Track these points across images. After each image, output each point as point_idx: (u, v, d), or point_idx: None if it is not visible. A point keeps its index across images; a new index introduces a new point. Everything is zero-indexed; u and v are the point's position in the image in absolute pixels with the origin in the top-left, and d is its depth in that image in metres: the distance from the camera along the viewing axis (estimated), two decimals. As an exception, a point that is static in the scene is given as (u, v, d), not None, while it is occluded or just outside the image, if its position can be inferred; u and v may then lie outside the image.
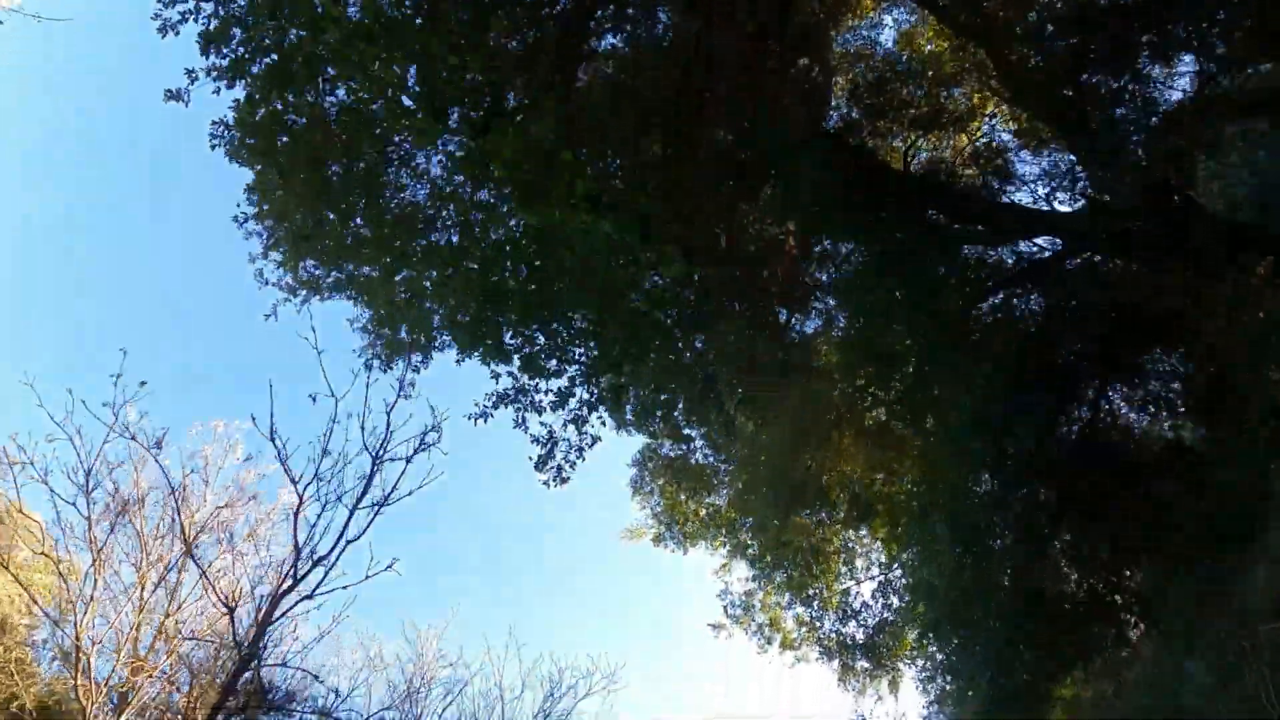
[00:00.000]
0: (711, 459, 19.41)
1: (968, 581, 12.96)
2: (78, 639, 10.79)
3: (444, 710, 14.87)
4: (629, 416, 15.84)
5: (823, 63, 18.11)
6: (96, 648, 11.17)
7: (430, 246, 13.02)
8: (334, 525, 10.19)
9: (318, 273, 15.53)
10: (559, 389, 13.20)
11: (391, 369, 14.28)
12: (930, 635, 13.83)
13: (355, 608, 11.71)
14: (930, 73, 19.27)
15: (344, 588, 10.23)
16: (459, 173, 12.65)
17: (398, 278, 13.20)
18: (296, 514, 9.99)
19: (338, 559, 10.00)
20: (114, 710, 10.91)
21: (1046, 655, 13.85)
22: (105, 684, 10.81)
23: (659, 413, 15.41)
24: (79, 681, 10.69)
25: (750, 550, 17.46)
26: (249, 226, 14.49)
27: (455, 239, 13.25)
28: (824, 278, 20.07)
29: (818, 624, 17.72)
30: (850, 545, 17.45)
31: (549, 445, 13.46)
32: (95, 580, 11.32)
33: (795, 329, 19.80)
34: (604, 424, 13.82)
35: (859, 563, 17.48)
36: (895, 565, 16.38)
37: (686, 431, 17.13)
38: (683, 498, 18.67)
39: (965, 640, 13.30)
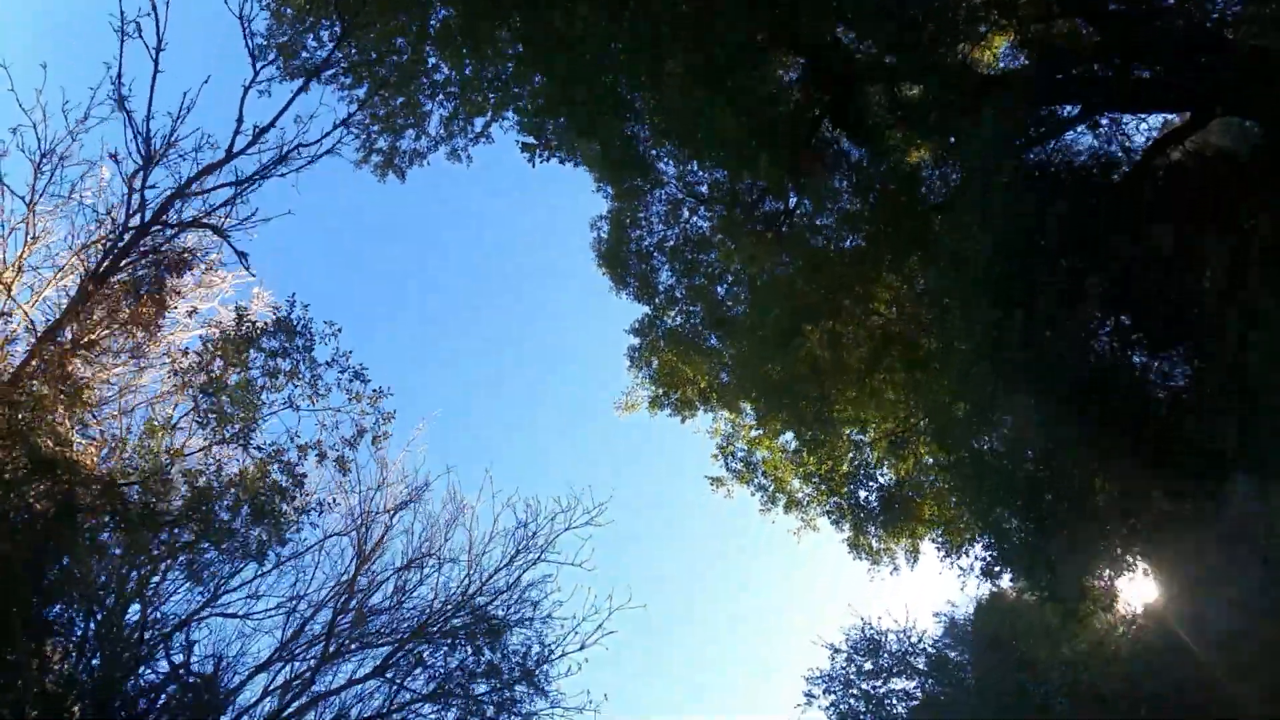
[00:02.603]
0: (714, 340, 18.23)
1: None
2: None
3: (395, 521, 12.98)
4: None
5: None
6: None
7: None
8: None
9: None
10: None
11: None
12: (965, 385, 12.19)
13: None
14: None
15: (283, 174, 8.92)
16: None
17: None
18: (248, 88, 8.86)
19: (286, 152, 8.78)
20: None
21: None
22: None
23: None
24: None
25: (752, 395, 15.88)
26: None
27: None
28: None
29: (825, 484, 15.96)
30: (861, 418, 15.88)
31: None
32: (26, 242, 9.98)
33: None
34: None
35: (869, 431, 15.88)
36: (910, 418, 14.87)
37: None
38: (683, 366, 17.27)
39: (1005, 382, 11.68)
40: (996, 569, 14.87)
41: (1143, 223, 16.17)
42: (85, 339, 8.61)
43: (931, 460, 15.32)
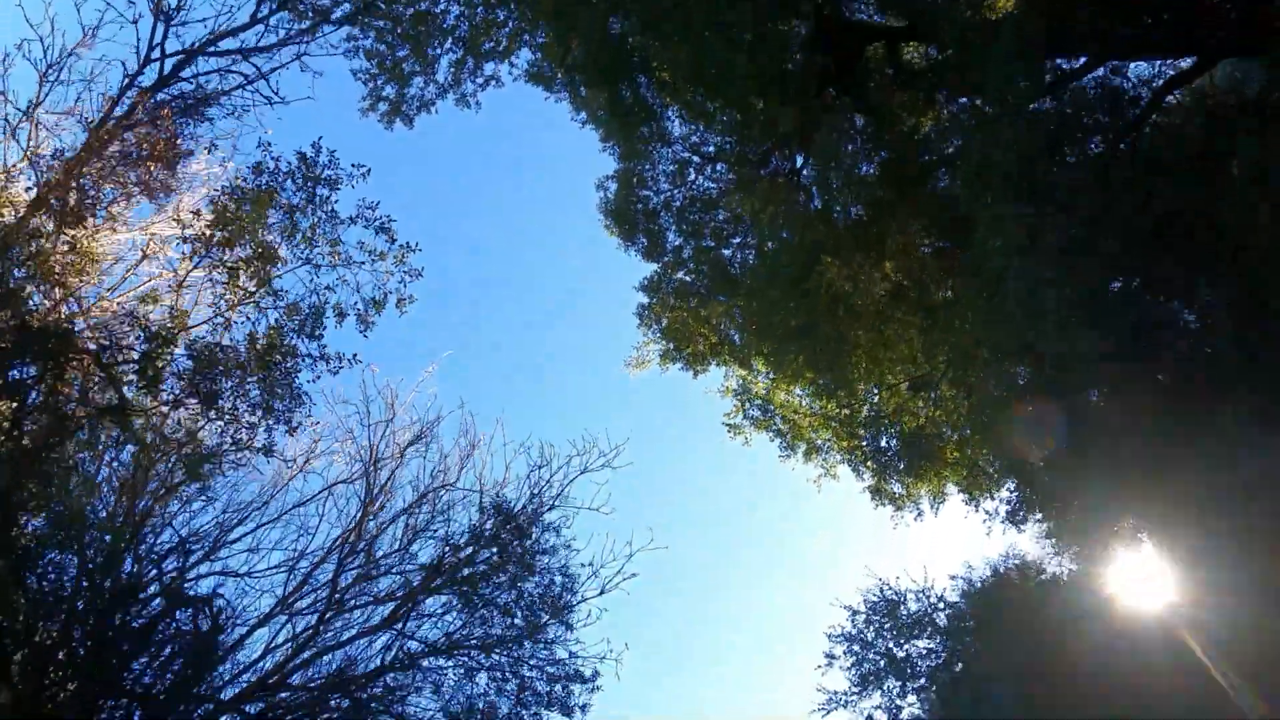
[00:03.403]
0: (723, 298, 17.98)
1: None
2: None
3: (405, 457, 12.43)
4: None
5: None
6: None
7: None
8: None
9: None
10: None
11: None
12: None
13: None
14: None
15: (306, 41, 8.51)
16: None
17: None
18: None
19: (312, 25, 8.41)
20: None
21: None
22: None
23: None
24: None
25: (766, 346, 15.49)
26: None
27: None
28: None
29: (844, 429, 15.57)
30: (878, 369, 15.54)
31: None
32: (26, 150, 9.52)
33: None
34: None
35: (887, 378, 15.54)
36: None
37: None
38: (693, 322, 16.92)
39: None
40: (1021, 513, 14.58)
41: (1146, 181, 16.27)
42: (97, 180, 8.12)
43: (953, 405, 15.03)
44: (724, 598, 40.85)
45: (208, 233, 9.20)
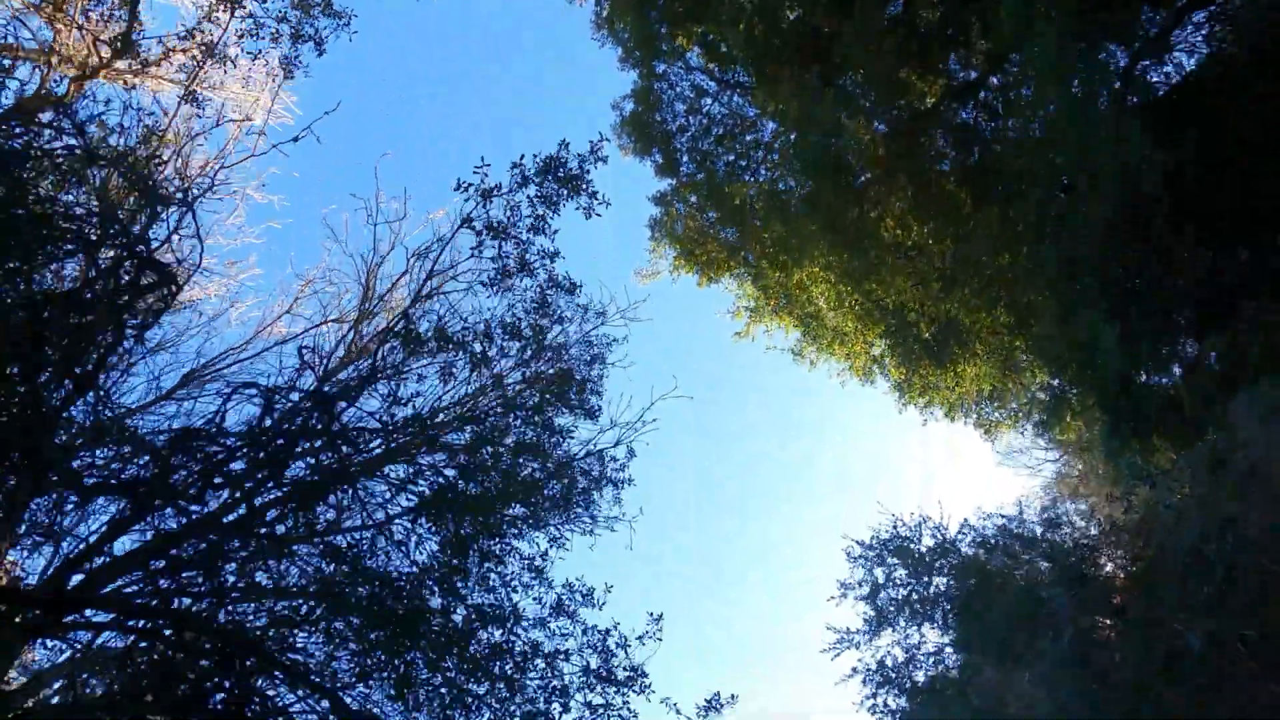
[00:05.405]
0: (729, 236, 17.44)
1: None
2: None
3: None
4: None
5: None
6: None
7: None
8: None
9: None
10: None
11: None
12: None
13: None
14: None
15: None
16: None
17: None
18: None
19: None
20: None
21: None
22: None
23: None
24: None
25: (788, 237, 14.67)
26: None
27: None
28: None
29: (872, 316, 14.62)
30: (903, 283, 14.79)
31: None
32: None
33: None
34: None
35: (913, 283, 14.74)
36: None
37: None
38: (707, 231, 16.22)
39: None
40: (1055, 415, 13.67)
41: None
42: None
43: (981, 302, 14.30)
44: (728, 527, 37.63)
45: None
